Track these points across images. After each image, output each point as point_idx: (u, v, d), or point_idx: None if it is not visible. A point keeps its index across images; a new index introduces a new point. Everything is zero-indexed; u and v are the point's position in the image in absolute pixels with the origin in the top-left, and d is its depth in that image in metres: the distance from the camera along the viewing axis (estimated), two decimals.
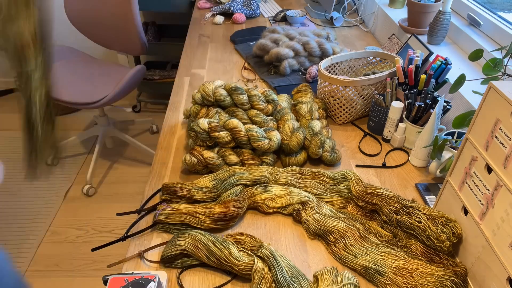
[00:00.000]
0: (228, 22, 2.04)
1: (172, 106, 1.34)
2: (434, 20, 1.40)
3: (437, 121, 1.02)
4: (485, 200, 0.73)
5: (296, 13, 2.04)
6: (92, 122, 2.77)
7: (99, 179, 2.31)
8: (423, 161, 1.09)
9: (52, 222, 2.03)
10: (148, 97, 3.02)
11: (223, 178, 0.97)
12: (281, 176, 1.00)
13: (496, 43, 1.32)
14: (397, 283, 0.76)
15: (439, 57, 1.18)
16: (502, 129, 0.69)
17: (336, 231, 0.86)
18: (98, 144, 2.28)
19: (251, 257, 0.78)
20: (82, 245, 1.92)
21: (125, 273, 0.71)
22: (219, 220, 0.88)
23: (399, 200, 0.90)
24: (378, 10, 1.87)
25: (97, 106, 1.93)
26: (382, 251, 0.82)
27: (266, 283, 0.75)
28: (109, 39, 2.15)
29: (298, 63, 1.54)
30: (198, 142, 1.07)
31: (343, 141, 1.20)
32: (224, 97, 1.10)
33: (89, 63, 2.23)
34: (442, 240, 0.81)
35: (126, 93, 2.01)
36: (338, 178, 1.00)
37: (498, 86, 0.69)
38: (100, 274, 1.79)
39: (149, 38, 2.65)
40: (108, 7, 2.02)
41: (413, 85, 1.19)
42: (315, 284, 0.76)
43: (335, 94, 1.21)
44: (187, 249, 0.80)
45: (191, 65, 1.60)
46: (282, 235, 0.90)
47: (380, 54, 1.34)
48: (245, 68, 1.60)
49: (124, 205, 2.14)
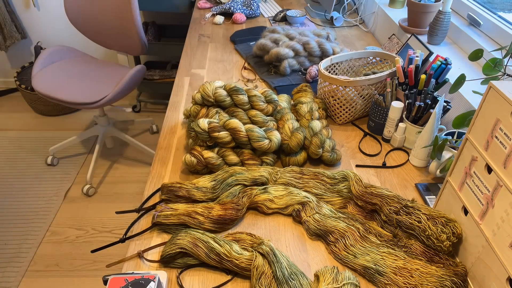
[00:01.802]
0: (228, 22, 2.04)
1: (172, 106, 1.34)
2: (434, 20, 1.40)
3: (437, 121, 1.02)
4: (485, 200, 0.73)
5: (296, 13, 2.04)
6: (92, 122, 2.77)
7: (99, 179, 2.31)
8: (423, 161, 1.09)
9: (52, 222, 2.03)
10: (148, 97, 3.02)
11: (222, 179, 0.97)
12: (281, 176, 1.00)
13: (496, 43, 1.32)
14: (397, 283, 0.76)
15: (439, 57, 1.18)
16: (502, 129, 0.69)
17: (336, 231, 0.86)
18: (98, 144, 2.28)
19: (252, 253, 0.78)
20: (82, 245, 1.92)
21: (125, 273, 0.71)
22: (218, 223, 0.88)
23: (399, 200, 0.90)
24: (378, 10, 1.87)
25: (97, 106, 1.93)
26: (382, 251, 0.82)
27: (266, 279, 0.75)
28: (109, 39, 2.15)
29: (298, 63, 1.54)
30: (198, 142, 1.07)
31: (343, 141, 1.20)
32: (224, 97, 1.10)
33: (89, 63, 2.23)
34: (442, 240, 0.81)
35: (126, 93, 2.01)
36: (338, 178, 1.00)
37: (498, 86, 0.69)
38: (100, 274, 1.79)
39: (149, 38, 2.65)
40: (108, 7, 2.02)
41: (413, 85, 1.19)
42: (315, 283, 0.76)
43: (335, 94, 1.21)
44: (187, 247, 0.80)
45: (191, 65, 1.60)
46: (282, 235, 0.90)
47: (380, 54, 1.34)
48: (245, 68, 1.60)
49: (124, 205, 2.14)
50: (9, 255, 1.85)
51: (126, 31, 2.01)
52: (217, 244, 0.80)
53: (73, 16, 2.15)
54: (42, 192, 2.20)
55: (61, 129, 2.71)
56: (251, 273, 0.77)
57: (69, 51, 2.27)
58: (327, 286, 0.72)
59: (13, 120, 2.77)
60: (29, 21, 2.81)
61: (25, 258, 1.84)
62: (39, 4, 2.74)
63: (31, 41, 2.90)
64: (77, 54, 2.30)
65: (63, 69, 2.12)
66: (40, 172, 2.33)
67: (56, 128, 2.71)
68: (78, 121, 2.78)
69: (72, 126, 2.73)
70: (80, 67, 2.17)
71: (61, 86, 1.98)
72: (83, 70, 2.15)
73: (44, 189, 2.21)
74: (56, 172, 2.34)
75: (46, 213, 2.07)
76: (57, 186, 2.24)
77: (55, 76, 2.05)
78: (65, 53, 2.25)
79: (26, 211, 2.08)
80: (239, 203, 0.92)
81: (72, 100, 1.90)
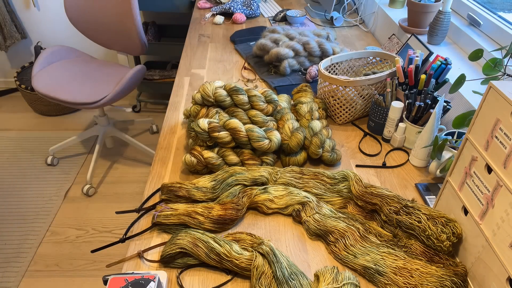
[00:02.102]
0: (228, 22, 2.04)
1: (172, 106, 1.34)
2: (434, 20, 1.40)
3: (437, 121, 1.02)
4: (485, 200, 0.73)
5: (296, 13, 2.04)
6: (92, 122, 2.77)
7: (99, 179, 2.31)
8: (423, 161, 1.09)
9: (52, 222, 2.03)
10: (148, 97, 3.02)
11: (222, 179, 0.97)
12: (281, 176, 1.00)
13: (496, 43, 1.32)
14: (397, 283, 0.76)
15: (439, 57, 1.18)
16: (502, 129, 0.69)
17: (336, 231, 0.86)
18: (98, 144, 2.28)
19: (252, 253, 0.78)
20: (82, 245, 1.92)
21: (125, 273, 0.71)
22: (218, 223, 0.88)
23: (399, 200, 0.90)
24: (378, 10, 1.87)
25: (97, 106, 1.93)
26: (382, 251, 0.82)
27: (266, 279, 0.75)
28: (109, 39, 2.15)
29: (298, 63, 1.54)
30: (198, 142, 1.07)
31: (343, 141, 1.20)
32: (224, 97, 1.10)
33: (89, 63, 2.23)
34: (442, 240, 0.81)
35: (126, 93, 2.02)
36: (338, 178, 1.00)
37: (498, 86, 0.69)
38: (100, 274, 1.79)
39: (149, 38, 2.65)
40: (108, 7, 2.02)
41: (413, 85, 1.19)
42: (315, 283, 0.76)
43: (335, 94, 1.21)
44: (186, 247, 0.80)
45: (191, 65, 1.60)
46: (282, 235, 0.90)
47: (380, 54, 1.34)
48: (245, 68, 1.60)
49: (124, 205, 2.14)
50: (9, 255, 1.85)
51: (126, 31, 2.01)
52: (217, 244, 0.80)
53: (73, 16, 2.15)
54: (42, 192, 2.20)
55: (61, 129, 2.71)
56: (251, 273, 0.77)
57: (69, 51, 2.27)
58: (327, 286, 0.72)
59: (13, 120, 2.77)
60: (29, 21, 2.81)
61: (25, 258, 1.84)
62: (39, 4, 2.74)
63: (31, 41, 2.90)
64: (77, 54, 2.30)
65: (63, 69, 2.12)
66: (40, 172, 2.33)
67: (56, 128, 2.71)
68: (78, 121, 2.78)
69: (72, 126, 2.73)
70: (80, 67, 2.17)
71: (61, 86, 1.98)
72: (83, 70, 2.15)
73: (44, 189, 2.21)
74: (56, 172, 2.34)
75: (46, 213, 2.07)
76: (57, 186, 2.24)
77: (55, 76, 2.05)
78: (65, 53, 2.25)
79: (26, 211, 2.08)
80: (239, 203, 0.92)
81: (72, 100, 1.90)
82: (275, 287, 0.75)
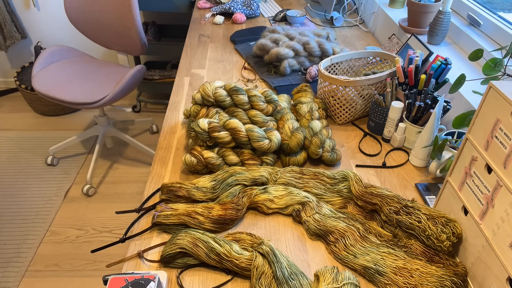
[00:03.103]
0: (228, 22, 2.04)
1: (172, 106, 1.34)
2: (434, 20, 1.40)
3: (437, 121, 1.02)
4: (485, 200, 0.73)
5: (296, 13, 2.04)
6: (92, 122, 2.77)
7: (99, 179, 2.31)
8: (423, 161, 1.09)
9: (52, 222, 2.03)
10: (148, 97, 3.02)
11: (222, 179, 0.97)
12: (281, 176, 1.00)
13: (496, 43, 1.32)
14: (397, 283, 0.76)
15: (439, 57, 1.18)
16: (502, 129, 0.69)
17: (336, 231, 0.86)
18: (98, 144, 2.28)
19: (252, 253, 0.78)
20: (82, 245, 1.92)
21: (125, 273, 0.71)
22: (218, 223, 0.88)
23: (399, 200, 0.90)
24: (378, 10, 1.87)
25: (97, 106, 1.93)
26: (382, 251, 0.82)
27: (266, 279, 0.75)
28: (109, 39, 2.15)
29: (298, 63, 1.54)
30: (198, 142, 1.07)
31: (343, 141, 1.20)
32: (224, 97, 1.10)
33: (89, 63, 2.23)
34: (442, 240, 0.81)
35: (126, 93, 2.01)
36: (338, 178, 1.00)
37: (498, 86, 0.69)
38: (100, 274, 1.79)
39: (149, 38, 2.65)
40: (108, 7, 2.02)
41: (413, 85, 1.19)
42: (315, 283, 0.76)
43: (335, 94, 1.21)
44: (186, 247, 0.80)
45: (191, 65, 1.60)
46: (282, 235, 0.90)
47: (380, 54, 1.34)
48: (245, 68, 1.60)
49: (124, 205, 2.14)
50: (9, 255, 1.85)
51: (126, 31, 2.01)
52: (217, 244, 0.80)
53: (73, 16, 2.15)
54: (42, 192, 2.20)
55: (61, 129, 2.71)
56: (251, 273, 0.77)
57: (69, 51, 2.27)
58: (327, 286, 0.72)
59: (13, 120, 2.77)
60: (29, 21, 2.81)
61: (25, 258, 1.84)
62: (39, 4, 2.74)
63: (31, 41, 2.90)
64: (77, 54, 2.30)
65: (63, 69, 2.12)
66: (40, 172, 2.33)
67: (56, 128, 2.71)
68: (78, 121, 2.78)
69: (72, 126, 2.73)
70: (80, 67, 2.17)
71: (61, 86, 1.98)
72: (83, 70, 2.15)
73: (44, 189, 2.21)
74: (56, 172, 2.34)
75: (46, 213, 2.07)
76: (57, 186, 2.24)
77: (55, 76, 2.05)
78: (65, 53, 2.25)
79: (26, 211, 2.08)
80: (239, 203, 0.92)
81: (72, 100, 1.90)
82: (275, 287, 0.75)
